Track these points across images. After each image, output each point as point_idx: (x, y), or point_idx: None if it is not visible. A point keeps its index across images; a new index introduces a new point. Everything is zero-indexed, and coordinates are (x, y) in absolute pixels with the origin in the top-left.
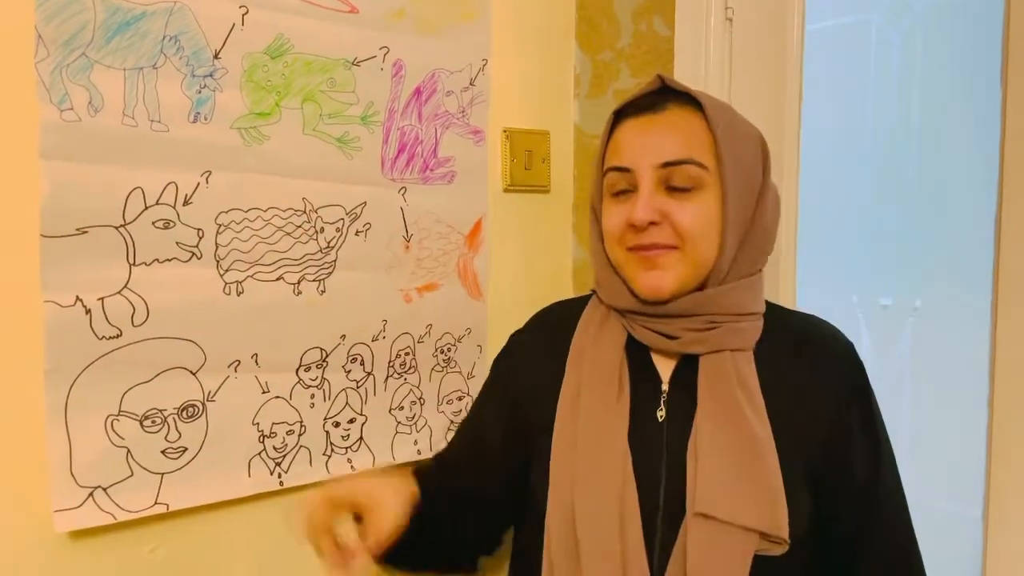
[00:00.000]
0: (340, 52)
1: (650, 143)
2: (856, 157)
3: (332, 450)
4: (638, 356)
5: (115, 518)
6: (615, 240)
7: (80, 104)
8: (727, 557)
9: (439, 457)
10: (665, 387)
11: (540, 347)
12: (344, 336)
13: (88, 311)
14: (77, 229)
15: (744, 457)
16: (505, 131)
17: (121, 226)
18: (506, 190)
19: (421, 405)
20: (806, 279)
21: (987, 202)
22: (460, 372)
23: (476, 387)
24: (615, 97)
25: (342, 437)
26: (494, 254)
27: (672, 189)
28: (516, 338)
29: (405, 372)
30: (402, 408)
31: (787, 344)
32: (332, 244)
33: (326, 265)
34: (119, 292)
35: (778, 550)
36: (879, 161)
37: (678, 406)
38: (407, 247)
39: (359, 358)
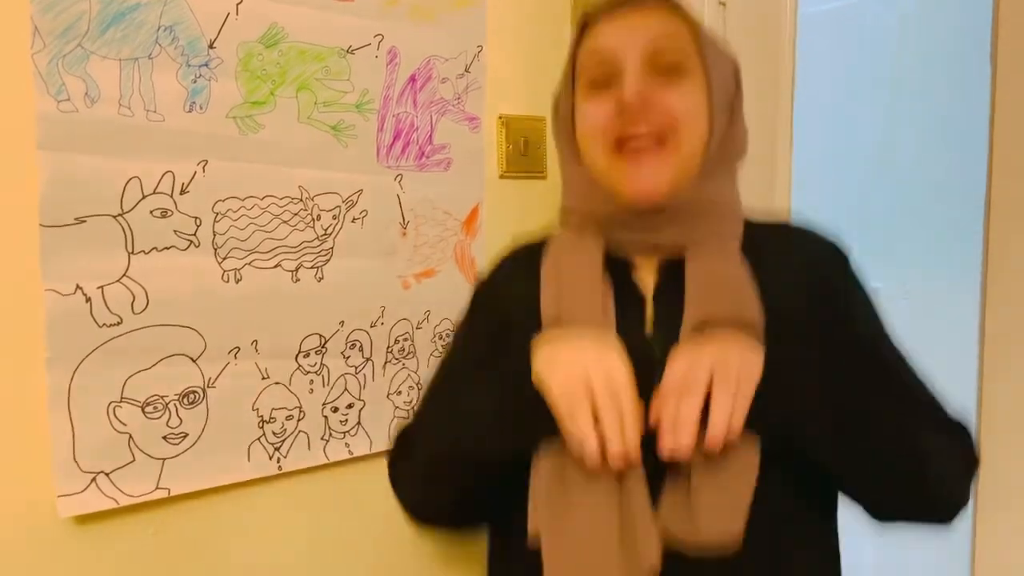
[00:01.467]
0: (334, 40)
1: (633, 28)
2: (849, 140)
3: (330, 435)
4: (618, 274)
5: (118, 503)
6: (597, 138)
7: (77, 95)
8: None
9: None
10: (650, 302)
11: (512, 281)
12: (343, 322)
13: (88, 299)
14: (76, 219)
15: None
16: (501, 117)
17: (119, 215)
18: (502, 176)
19: (420, 390)
20: None
21: (977, 185)
22: None
23: None
24: None
25: (340, 422)
26: (491, 240)
27: (660, 71)
28: (483, 283)
29: (404, 357)
30: (400, 393)
31: (768, 240)
32: (329, 231)
33: (323, 252)
34: (118, 280)
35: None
36: (871, 144)
37: (665, 321)
38: (404, 234)
39: (358, 344)
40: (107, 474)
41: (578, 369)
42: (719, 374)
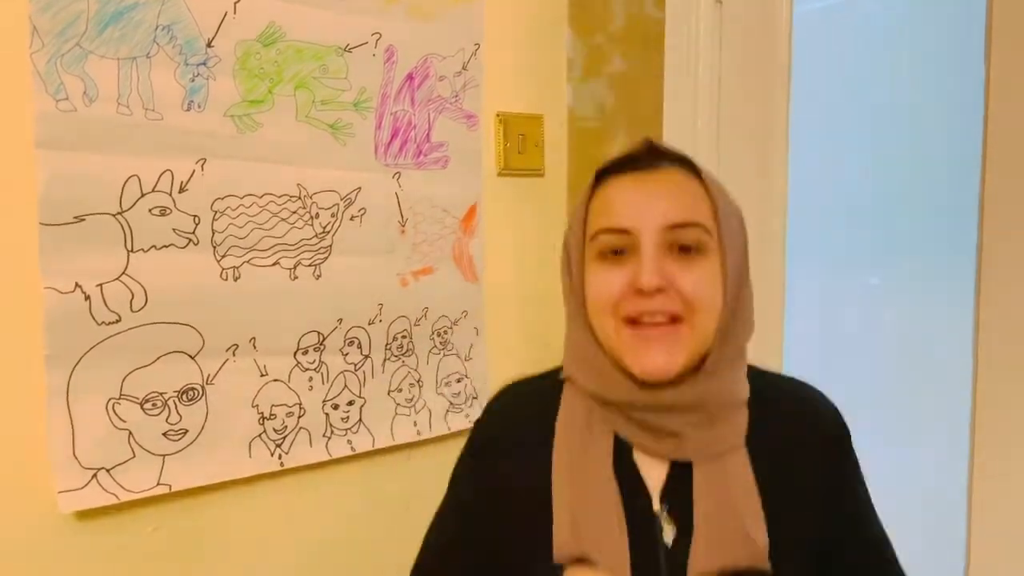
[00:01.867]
0: (332, 39)
1: (651, 202)
2: (844, 137)
3: (332, 432)
4: (622, 461)
5: (118, 498)
6: (607, 310)
7: (75, 94)
8: None
9: None
10: (656, 503)
11: (514, 445)
12: (341, 320)
13: (87, 297)
14: (75, 217)
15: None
16: (498, 115)
17: (118, 213)
18: (500, 174)
19: (420, 387)
20: (795, 261)
21: (971, 181)
22: (457, 354)
23: (473, 369)
24: (608, 80)
25: (342, 419)
26: (489, 237)
27: (678, 253)
28: (483, 433)
29: (403, 355)
30: (401, 390)
31: (775, 417)
32: (327, 229)
33: (322, 250)
34: (117, 278)
35: None
36: (866, 141)
37: (674, 524)
38: (402, 232)
39: (356, 341)
40: (108, 470)
41: None
42: None
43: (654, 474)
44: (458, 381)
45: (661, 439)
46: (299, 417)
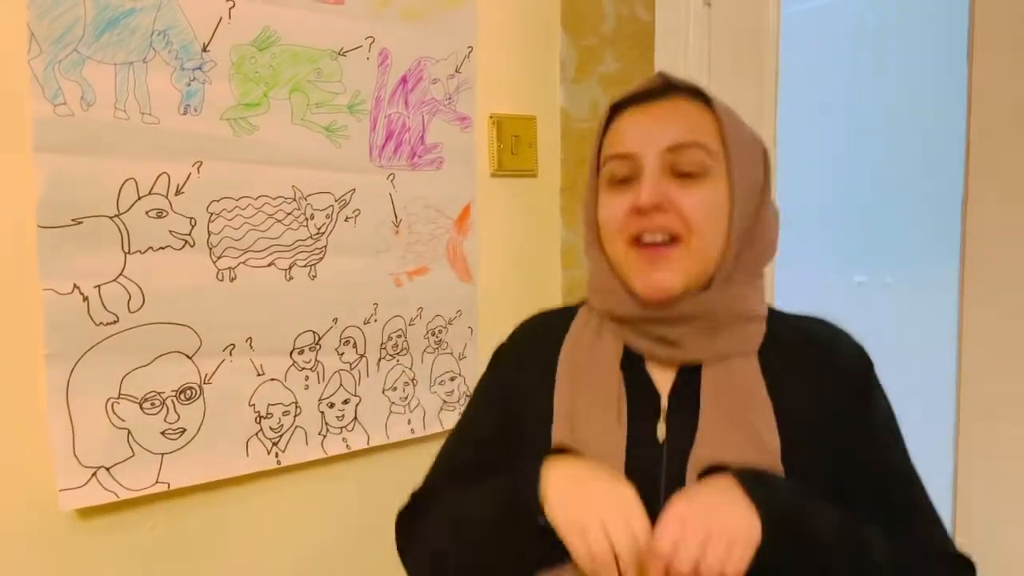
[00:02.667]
0: (326, 43)
1: (655, 127)
2: (831, 137)
3: (328, 430)
4: (633, 368)
5: (117, 496)
6: (615, 231)
7: (73, 99)
8: None
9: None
10: (664, 403)
11: (527, 358)
12: (336, 319)
13: (86, 298)
14: (73, 220)
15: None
16: (492, 117)
17: (115, 216)
18: (494, 175)
19: (414, 386)
20: (782, 258)
21: (955, 180)
22: (451, 353)
23: (468, 368)
24: (600, 81)
25: (337, 417)
26: (483, 238)
27: (678, 175)
28: (500, 351)
29: (397, 354)
30: (395, 389)
31: (792, 345)
32: (322, 230)
33: (317, 251)
34: (115, 279)
35: None
36: (853, 141)
37: (678, 424)
38: (397, 232)
39: (351, 341)
40: (107, 469)
41: (596, 523)
42: (712, 543)
43: (664, 379)
44: (452, 380)
45: (668, 346)
46: (295, 416)
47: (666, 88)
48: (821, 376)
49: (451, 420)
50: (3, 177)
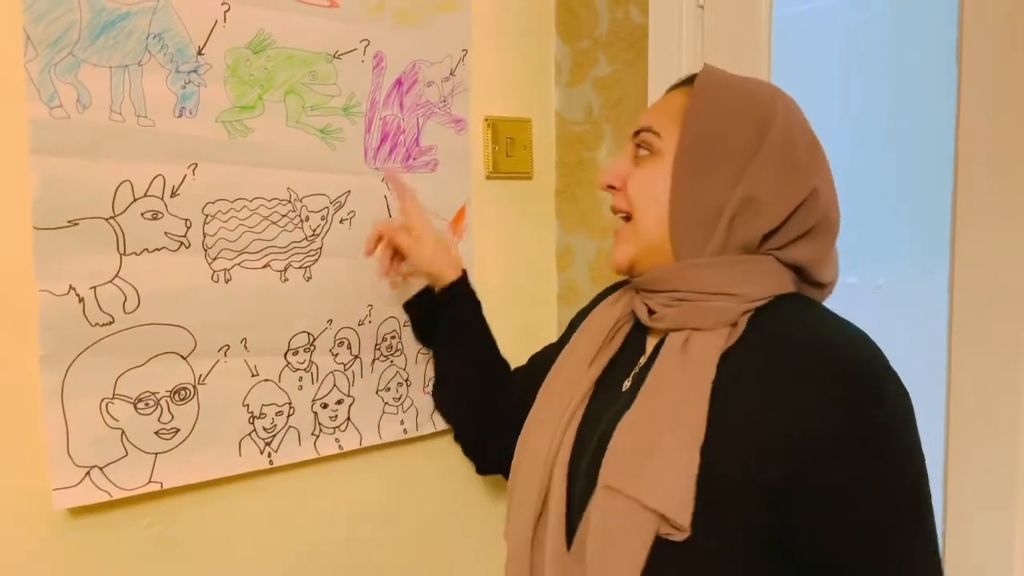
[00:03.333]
0: (321, 46)
1: (651, 110)
2: (823, 138)
3: (320, 430)
4: (636, 331)
5: (111, 496)
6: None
7: (69, 101)
8: (627, 532)
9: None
10: (642, 361)
11: (585, 312)
12: (331, 321)
13: (81, 299)
14: (69, 221)
15: (663, 436)
16: (487, 119)
17: (111, 218)
18: (488, 177)
19: (407, 386)
20: None
21: (945, 182)
22: None
23: None
24: (594, 84)
25: (330, 418)
26: (478, 240)
27: (636, 158)
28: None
29: (391, 355)
30: (389, 389)
31: (776, 343)
32: (317, 232)
33: (312, 252)
34: (111, 281)
35: (679, 536)
36: (845, 144)
37: (640, 379)
38: None
39: (346, 342)
40: (100, 468)
41: None
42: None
43: (653, 343)
44: None
45: (651, 314)
46: (288, 416)
47: (686, 82)
48: (789, 390)
49: (443, 421)
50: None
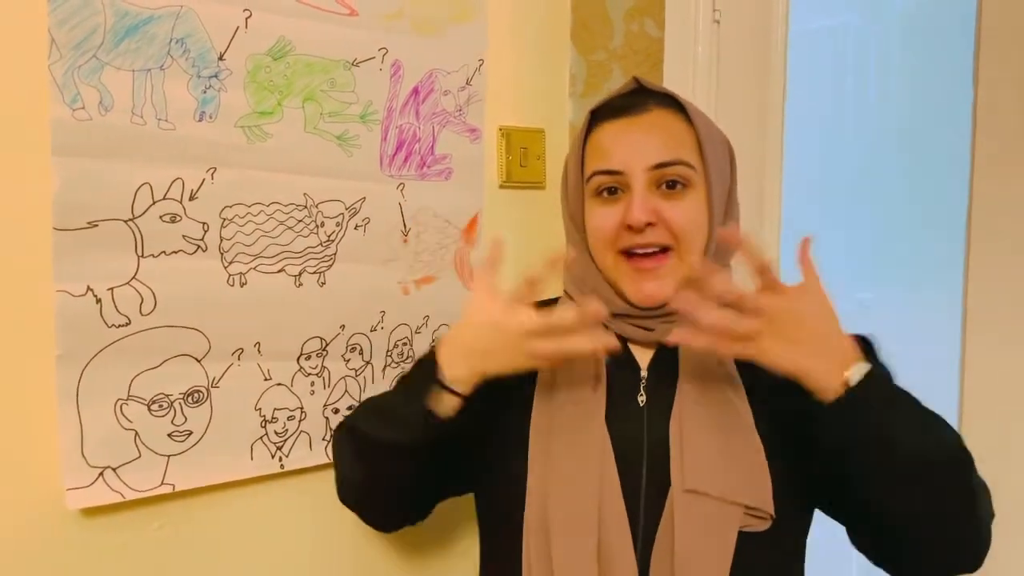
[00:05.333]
0: (340, 53)
1: (640, 145)
2: (836, 156)
3: (331, 435)
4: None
5: (124, 497)
6: (606, 243)
7: (91, 104)
8: (715, 532)
9: None
10: (644, 374)
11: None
12: (343, 326)
13: (98, 300)
14: (88, 223)
15: (727, 435)
16: (501, 129)
17: (130, 220)
18: (502, 186)
19: None
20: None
21: (960, 202)
22: None
23: None
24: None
25: None
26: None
27: (664, 189)
28: None
29: (402, 361)
30: None
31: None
32: (332, 238)
33: (326, 258)
34: (128, 283)
35: (762, 525)
36: (858, 160)
37: (657, 391)
38: (405, 241)
39: (358, 348)
40: (114, 469)
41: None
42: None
43: (644, 355)
44: None
45: (647, 330)
46: (300, 421)
47: (643, 96)
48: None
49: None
50: (20, 179)
